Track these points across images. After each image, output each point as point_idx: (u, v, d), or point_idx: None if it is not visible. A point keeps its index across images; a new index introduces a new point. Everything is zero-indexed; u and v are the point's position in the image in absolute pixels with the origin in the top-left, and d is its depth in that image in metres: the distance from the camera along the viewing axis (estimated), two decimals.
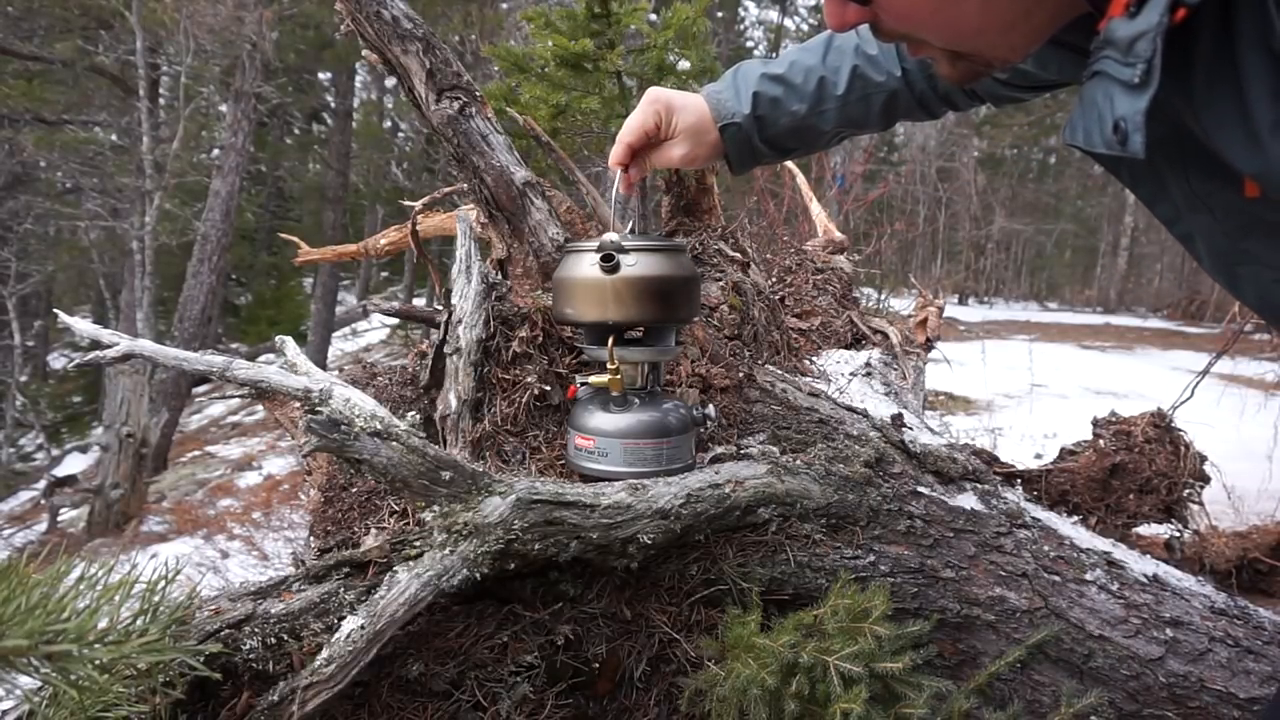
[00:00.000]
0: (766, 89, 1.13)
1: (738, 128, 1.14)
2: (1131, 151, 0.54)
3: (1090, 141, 0.59)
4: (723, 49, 15.51)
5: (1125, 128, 0.54)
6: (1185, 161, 0.66)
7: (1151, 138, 0.64)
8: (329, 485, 1.38)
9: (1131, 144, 0.54)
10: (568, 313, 1.23)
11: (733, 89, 1.14)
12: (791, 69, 1.13)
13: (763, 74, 1.14)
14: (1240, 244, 0.69)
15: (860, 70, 1.11)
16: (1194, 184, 0.67)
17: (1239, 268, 0.72)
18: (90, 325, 1.17)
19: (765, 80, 1.13)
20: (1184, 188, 0.68)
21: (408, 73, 1.37)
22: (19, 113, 9.88)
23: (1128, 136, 0.54)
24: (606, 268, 1.14)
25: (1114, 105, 0.55)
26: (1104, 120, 0.57)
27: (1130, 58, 0.52)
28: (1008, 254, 21.79)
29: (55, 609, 0.66)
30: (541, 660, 1.09)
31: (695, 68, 1.96)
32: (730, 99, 1.14)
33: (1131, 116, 0.53)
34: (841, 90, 1.11)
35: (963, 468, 1.35)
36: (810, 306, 2.35)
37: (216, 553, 5.28)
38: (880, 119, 1.15)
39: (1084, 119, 0.60)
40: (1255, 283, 0.72)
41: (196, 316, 8.66)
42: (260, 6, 9.15)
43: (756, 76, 1.13)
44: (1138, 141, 0.53)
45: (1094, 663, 1.18)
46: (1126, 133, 0.54)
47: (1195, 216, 0.71)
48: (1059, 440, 2.49)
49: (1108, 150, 0.57)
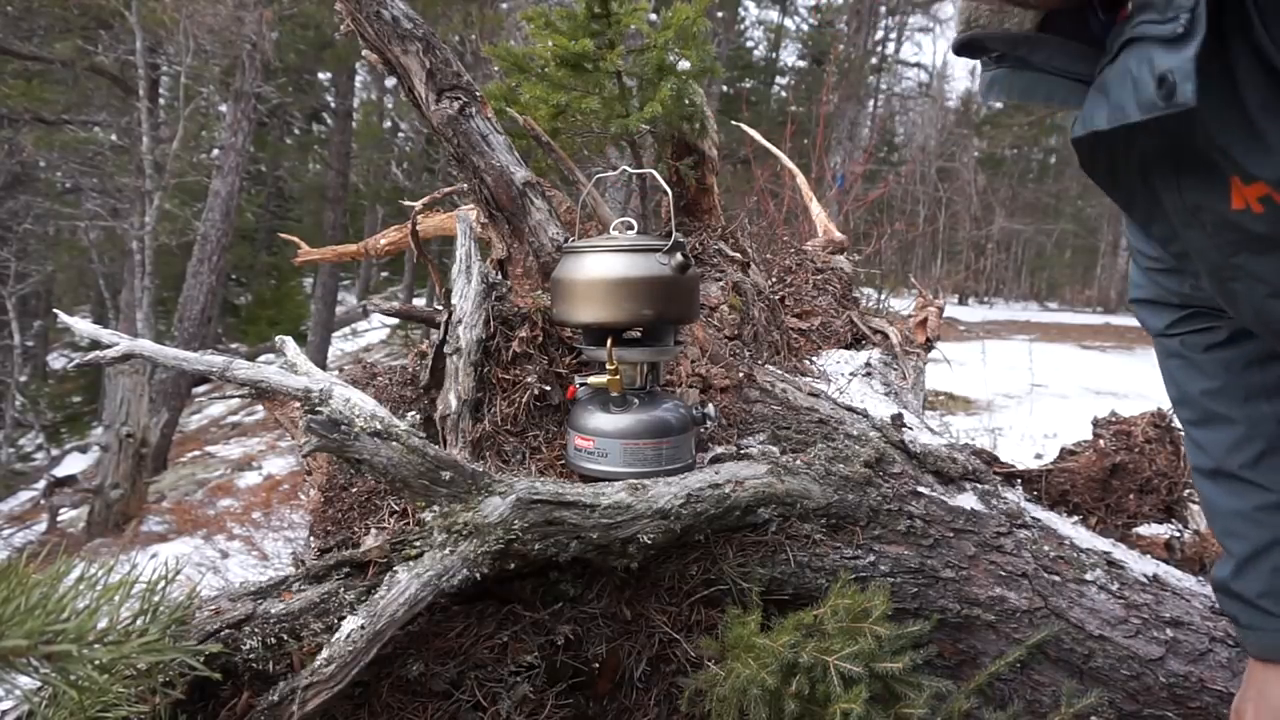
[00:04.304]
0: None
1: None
2: (1181, 102, 0.53)
3: (1122, 114, 0.58)
4: (723, 49, 15.51)
5: (1173, 78, 0.53)
6: (1179, 175, 0.66)
7: (1148, 156, 0.65)
8: (329, 485, 1.38)
9: (1182, 93, 0.53)
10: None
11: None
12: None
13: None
14: (1232, 259, 0.69)
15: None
16: (1186, 198, 0.67)
17: (1234, 284, 0.71)
18: (90, 325, 1.17)
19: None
20: (1177, 203, 0.68)
21: (408, 73, 1.37)
22: (19, 113, 9.86)
23: (1175, 88, 0.53)
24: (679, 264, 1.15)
25: (1154, 64, 0.55)
26: (1141, 84, 0.56)
27: (1170, 11, 0.53)
28: (1008, 254, 21.80)
29: (55, 609, 0.66)
30: (541, 660, 1.09)
31: (695, 68, 1.95)
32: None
33: (1180, 66, 0.53)
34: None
35: (963, 468, 1.35)
36: (810, 306, 2.35)
37: (216, 553, 5.28)
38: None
39: (1108, 99, 0.59)
40: (1250, 298, 0.71)
41: (196, 316, 8.65)
42: (260, 6, 9.14)
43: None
44: (1189, 90, 0.52)
45: (1094, 663, 1.18)
46: (1175, 84, 0.53)
47: (1189, 233, 0.70)
48: (1059, 440, 2.49)
49: (1146, 113, 0.56)
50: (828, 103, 8.05)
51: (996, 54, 0.73)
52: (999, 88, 0.74)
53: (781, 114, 17.16)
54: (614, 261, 1.19)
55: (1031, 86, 0.72)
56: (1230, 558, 0.92)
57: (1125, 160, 0.68)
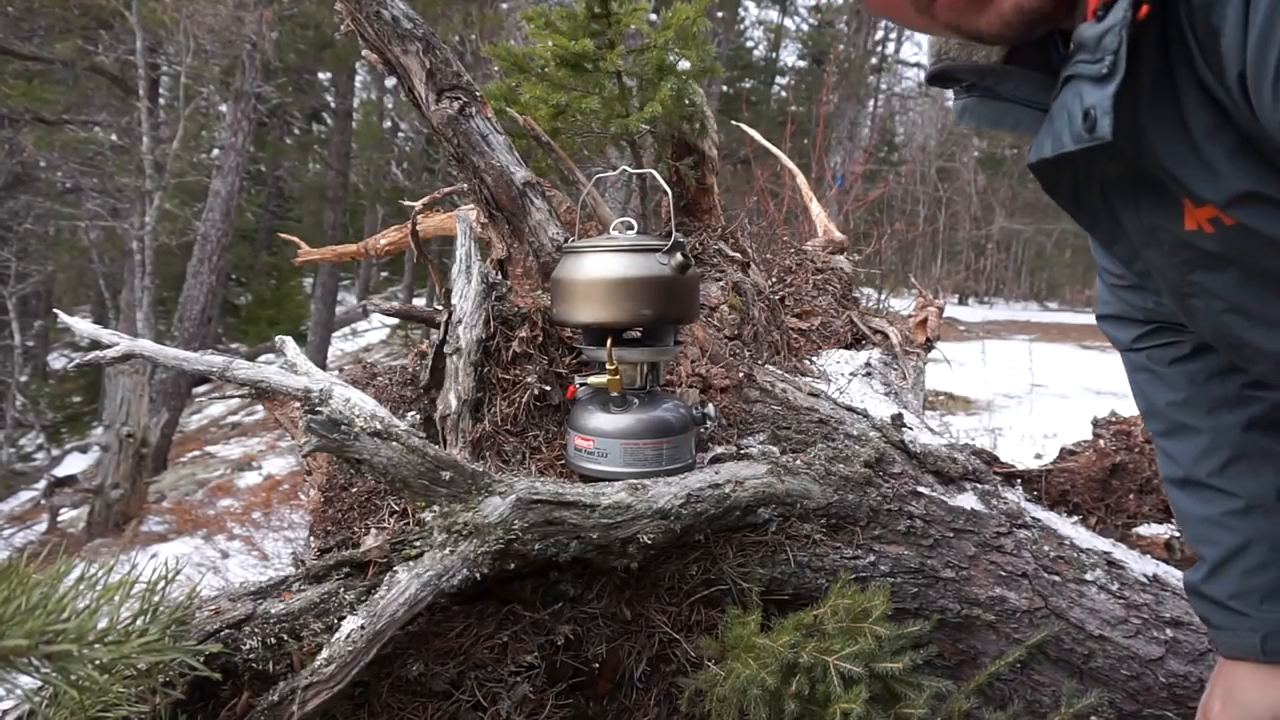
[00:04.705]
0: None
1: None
2: (1100, 135, 0.57)
3: (1060, 143, 0.62)
4: (723, 49, 15.51)
5: (1094, 114, 0.58)
6: (1138, 197, 0.69)
7: (1108, 179, 0.69)
8: (329, 485, 1.38)
9: (1100, 128, 0.57)
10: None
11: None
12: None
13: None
14: (1189, 277, 0.71)
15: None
16: (1144, 219, 0.70)
17: (1192, 300, 0.73)
18: (90, 325, 1.17)
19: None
20: (1136, 224, 0.71)
21: (408, 73, 1.37)
22: (19, 113, 9.86)
23: (1096, 122, 0.57)
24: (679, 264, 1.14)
25: (1083, 99, 0.59)
26: (1074, 117, 0.60)
27: (1098, 53, 0.57)
28: (1008, 254, 21.79)
29: (55, 609, 0.66)
30: (541, 660, 1.09)
31: (695, 68, 1.95)
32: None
33: (1100, 103, 0.57)
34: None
35: (963, 468, 1.35)
36: (810, 306, 2.35)
37: (216, 553, 5.28)
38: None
39: (1052, 129, 0.64)
40: (1207, 314, 0.73)
41: (196, 316, 8.65)
42: (260, 6, 9.14)
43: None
44: (1106, 125, 0.57)
45: (1094, 663, 1.18)
46: (1095, 119, 0.57)
47: (1149, 252, 0.73)
48: (1059, 440, 2.49)
49: (1076, 144, 0.60)
50: (828, 103, 8.05)
51: (967, 84, 0.77)
52: (969, 115, 0.78)
53: (781, 114, 17.16)
54: (614, 261, 1.19)
55: (999, 115, 0.75)
56: (1203, 563, 0.95)
57: (1088, 184, 0.71)
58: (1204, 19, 0.54)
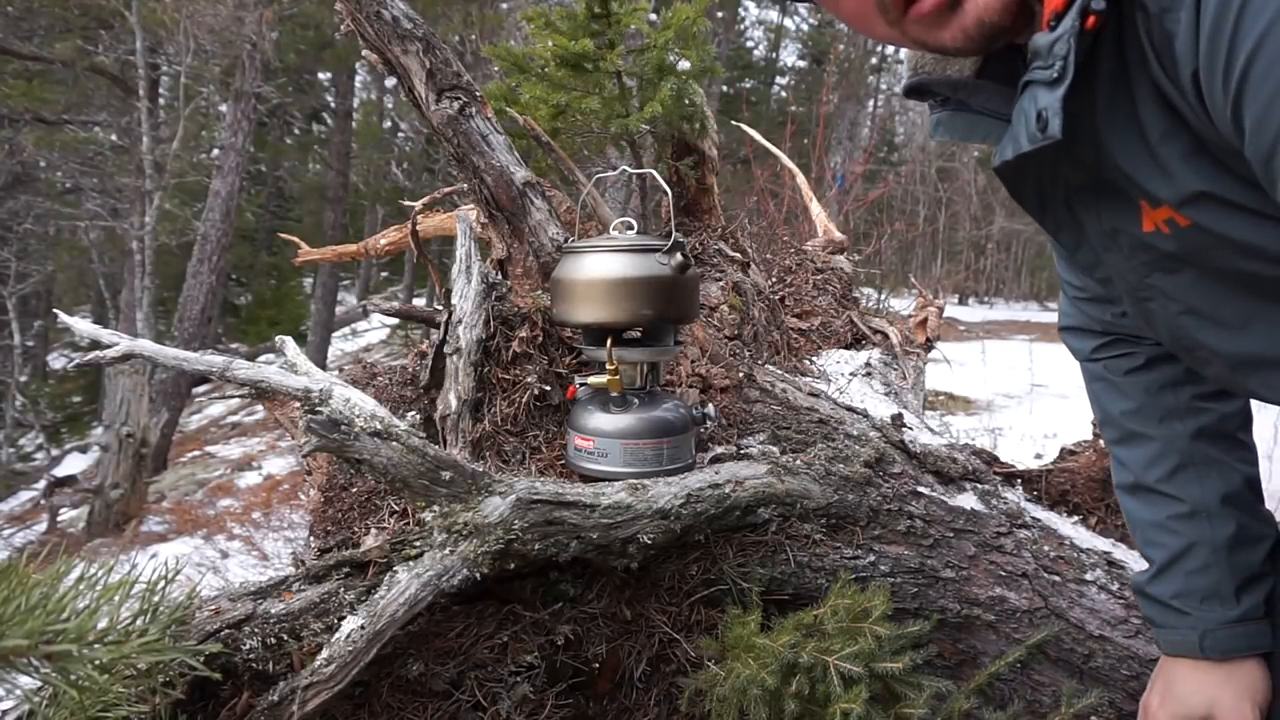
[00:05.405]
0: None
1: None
2: (1051, 135, 0.61)
3: (1019, 145, 0.65)
4: (723, 49, 15.51)
5: (1046, 115, 0.61)
6: (1099, 201, 0.71)
7: (1071, 185, 0.72)
8: (329, 485, 1.38)
9: (1051, 128, 0.61)
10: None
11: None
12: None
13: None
14: (1147, 279, 0.73)
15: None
16: (1105, 222, 0.72)
17: (1150, 303, 0.76)
18: (90, 325, 1.17)
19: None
20: (1097, 227, 0.74)
21: (408, 73, 1.37)
22: (19, 113, 9.86)
23: (1048, 123, 0.61)
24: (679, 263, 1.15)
25: (1037, 101, 0.62)
26: (1029, 119, 0.63)
27: (1050, 60, 0.60)
28: (1008, 254, 21.78)
29: (55, 609, 0.66)
30: (541, 660, 1.09)
31: (695, 68, 1.96)
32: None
33: (1051, 104, 0.60)
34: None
35: (963, 468, 1.35)
36: (810, 306, 2.35)
37: (216, 553, 5.28)
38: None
39: (1012, 132, 0.67)
40: (1164, 317, 0.76)
41: (196, 316, 8.65)
42: (260, 6, 9.14)
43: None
44: (1056, 125, 0.60)
45: (1094, 663, 1.18)
46: (1047, 119, 0.61)
47: (1109, 256, 0.75)
48: (1059, 440, 2.49)
49: (1032, 144, 0.63)
50: (828, 103, 8.04)
51: (941, 98, 0.80)
52: (943, 128, 0.81)
53: (781, 114, 17.16)
54: (614, 261, 1.19)
55: (971, 127, 0.78)
56: (1151, 565, 0.98)
57: (1052, 189, 0.73)
58: (1159, 25, 0.56)
